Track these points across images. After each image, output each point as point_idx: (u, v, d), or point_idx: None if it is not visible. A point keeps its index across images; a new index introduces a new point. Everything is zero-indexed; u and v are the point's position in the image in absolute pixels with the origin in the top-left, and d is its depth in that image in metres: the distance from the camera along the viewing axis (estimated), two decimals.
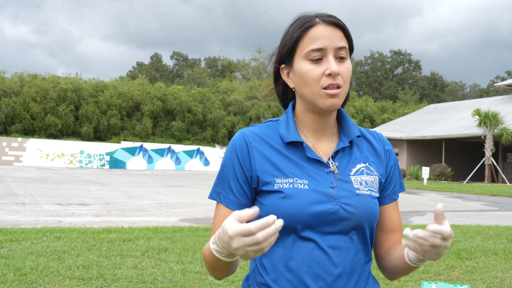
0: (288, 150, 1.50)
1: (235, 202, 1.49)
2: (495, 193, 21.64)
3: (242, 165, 1.48)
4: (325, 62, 1.43)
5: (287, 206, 1.42)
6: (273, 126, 1.56)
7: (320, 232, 1.44)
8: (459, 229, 9.02)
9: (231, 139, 1.55)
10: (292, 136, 1.50)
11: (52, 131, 40.96)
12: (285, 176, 1.45)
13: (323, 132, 1.55)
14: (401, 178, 1.65)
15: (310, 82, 1.44)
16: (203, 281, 4.71)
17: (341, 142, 1.53)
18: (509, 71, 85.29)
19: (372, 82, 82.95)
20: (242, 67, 74.85)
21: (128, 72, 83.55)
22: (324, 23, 1.45)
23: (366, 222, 1.48)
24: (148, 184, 21.13)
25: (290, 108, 1.58)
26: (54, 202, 11.85)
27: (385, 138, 1.66)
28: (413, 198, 18.02)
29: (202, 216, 10.17)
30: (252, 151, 1.49)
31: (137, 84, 47.32)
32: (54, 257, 5.39)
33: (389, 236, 1.59)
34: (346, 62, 1.46)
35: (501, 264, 5.92)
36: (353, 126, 1.57)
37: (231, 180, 1.49)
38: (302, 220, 1.42)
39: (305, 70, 1.45)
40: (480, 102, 42.82)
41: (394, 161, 1.62)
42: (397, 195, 1.61)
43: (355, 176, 1.50)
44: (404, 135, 38.06)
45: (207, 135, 46.78)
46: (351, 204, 1.45)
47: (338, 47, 1.44)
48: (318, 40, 1.44)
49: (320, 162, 1.49)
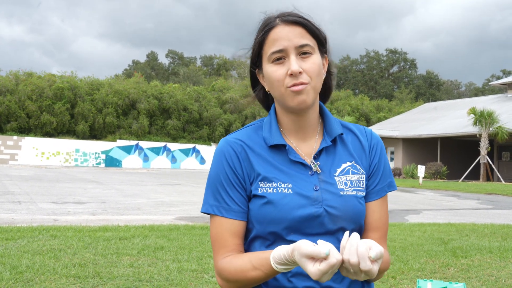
0: (271, 154, 1.49)
1: (239, 211, 1.47)
2: (490, 192, 21.71)
3: (235, 172, 1.47)
4: (287, 62, 1.43)
5: (271, 211, 1.42)
6: (256, 129, 1.55)
7: (306, 234, 1.43)
8: (454, 227, 9.05)
9: (216, 148, 1.52)
10: (275, 139, 1.49)
11: (48, 130, 40.88)
12: (269, 180, 1.45)
13: (305, 132, 1.53)
14: (391, 177, 1.60)
15: (275, 83, 1.44)
16: (199, 279, 4.71)
17: (323, 142, 1.52)
18: (504, 69, 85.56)
19: (368, 81, 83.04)
20: (238, 65, 74.80)
21: (124, 70, 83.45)
22: (283, 23, 1.45)
23: (351, 222, 1.47)
24: (144, 182, 21.11)
25: (273, 110, 1.57)
26: (50, 200, 11.82)
27: (374, 134, 1.62)
28: (408, 197, 18.06)
29: (198, 215, 10.17)
30: (240, 157, 1.48)
31: (133, 82, 47.27)
32: (50, 255, 5.39)
33: (367, 234, 1.55)
34: (311, 57, 1.44)
35: (496, 262, 5.95)
36: (335, 124, 1.55)
37: (228, 190, 1.47)
38: (287, 224, 1.42)
39: (269, 72, 1.45)
40: (476, 101, 42.93)
41: (379, 158, 1.57)
42: (382, 193, 1.56)
43: (340, 177, 1.49)
44: (400, 133, 38.12)
45: (204, 133, 46.76)
46: (334, 206, 1.44)
47: (299, 45, 1.43)
48: (278, 41, 1.43)
49: (303, 164, 1.48)
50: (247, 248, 1.50)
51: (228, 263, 1.42)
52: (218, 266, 1.45)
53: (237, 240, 1.46)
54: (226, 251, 1.45)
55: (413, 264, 5.65)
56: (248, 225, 1.49)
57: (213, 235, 1.48)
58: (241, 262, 1.39)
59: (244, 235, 1.50)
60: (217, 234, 1.47)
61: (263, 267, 1.33)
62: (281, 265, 1.29)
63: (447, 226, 9.20)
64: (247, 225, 1.49)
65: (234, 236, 1.46)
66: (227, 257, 1.44)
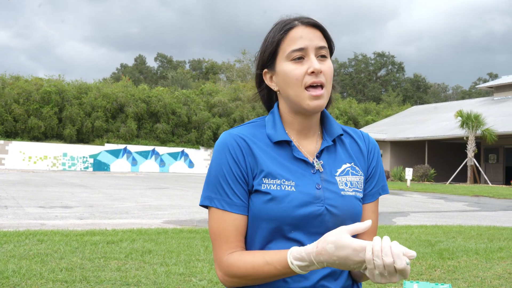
0: (275, 150, 1.50)
1: (241, 206, 1.46)
2: (477, 194, 21.86)
3: (239, 166, 1.47)
4: (307, 61, 1.45)
5: (274, 208, 1.42)
6: (258, 126, 1.56)
7: (307, 232, 1.45)
8: (441, 229, 9.10)
9: (218, 141, 1.50)
10: (280, 136, 1.50)
11: (35, 134, 40.52)
12: (273, 177, 1.45)
13: (307, 132, 1.55)
14: (385, 180, 1.65)
15: (293, 82, 1.45)
16: (187, 282, 4.71)
17: (324, 142, 1.54)
18: (491, 73, 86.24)
19: (356, 84, 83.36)
20: (226, 69, 74.81)
21: (112, 74, 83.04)
22: (303, 25, 1.48)
23: (349, 222, 1.48)
24: (132, 186, 21.03)
25: (276, 108, 1.58)
26: (37, 205, 11.75)
27: (371, 137, 1.66)
28: (396, 199, 18.14)
29: (186, 218, 10.15)
30: (245, 152, 1.48)
31: (121, 86, 47.00)
32: (37, 260, 5.36)
33: (361, 235, 1.57)
34: (328, 61, 1.48)
35: (482, 264, 5.99)
36: (335, 125, 1.58)
37: (231, 183, 1.46)
38: (289, 221, 1.43)
39: (288, 71, 1.46)
40: (463, 104, 43.22)
41: (377, 161, 1.62)
42: (376, 196, 1.61)
43: (340, 177, 1.52)
44: (388, 136, 38.30)
45: (192, 137, 46.63)
46: (336, 206, 1.47)
47: (319, 47, 1.47)
48: (299, 40, 1.46)
49: (306, 162, 1.50)
50: (247, 242, 1.50)
51: (237, 259, 1.41)
52: (224, 262, 1.43)
53: (240, 236, 1.45)
54: (230, 247, 1.44)
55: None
56: (248, 221, 1.48)
57: (214, 230, 1.46)
58: (252, 257, 1.39)
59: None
60: (218, 228, 1.45)
61: (277, 262, 1.34)
62: (298, 261, 1.30)
63: (434, 228, 9.25)
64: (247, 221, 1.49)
65: (237, 231, 1.45)
66: (234, 252, 1.43)
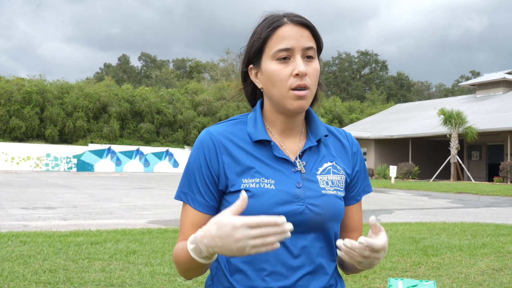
0: (255, 149, 1.49)
1: (203, 204, 1.47)
2: (461, 191, 22.07)
3: (209, 166, 1.46)
4: (293, 62, 1.43)
5: (253, 205, 1.40)
6: (240, 124, 1.54)
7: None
8: (425, 226, 9.17)
9: (197, 138, 1.51)
10: (260, 135, 1.48)
11: (17, 134, 40.10)
12: (252, 176, 1.44)
13: (291, 131, 1.54)
14: (368, 180, 1.66)
15: (278, 83, 1.43)
16: (172, 282, 4.69)
17: (308, 141, 1.53)
18: (473, 70, 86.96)
19: (340, 82, 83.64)
20: (210, 68, 74.65)
21: (95, 73, 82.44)
22: (292, 23, 1.45)
23: (331, 222, 1.48)
24: (116, 186, 20.90)
25: (258, 106, 1.56)
26: (20, 206, 11.62)
27: (354, 138, 1.66)
28: (381, 197, 18.25)
29: (171, 218, 10.11)
30: (219, 151, 1.47)
31: (103, 85, 46.63)
32: (20, 261, 5.30)
33: (347, 234, 1.62)
34: (314, 62, 1.46)
35: (466, 260, 6.04)
36: (321, 126, 1.56)
37: (198, 182, 1.47)
38: None
39: (272, 71, 1.44)
40: (445, 102, 43.58)
41: (360, 164, 1.62)
42: (361, 196, 1.64)
43: (321, 176, 1.50)
44: (372, 134, 38.50)
45: (179, 136, 46.43)
46: (316, 205, 1.45)
47: (306, 47, 1.44)
48: (286, 39, 1.43)
49: (287, 161, 1.48)
50: None
51: (176, 246, 1.46)
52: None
53: (194, 231, 1.46)
54: (182, 239, 1.48)
55: (384, 263, 5.71)
56: None
57: (180, 222, 1.52)
58: (180, 244, 1.43)
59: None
60: (181, 221, 1.51)
61: (184, 247, 1.37)
62: (191, 244, 1.31)
63: (418, 225, 9.32)
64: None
65: (193, 227, 1.47)
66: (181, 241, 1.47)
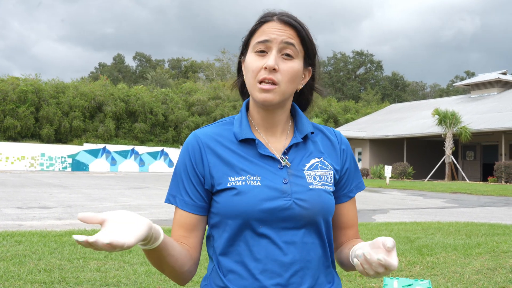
0: (241, 148, 1.50)
1: (190, 204, 1.49)
2: (455, 191, 22.14)
3: (195, 167, 1.49)
4: (268, 56, 1.45)
5: (239, 202, 1.42)
6: (226, 125, 1.57)
7: (275, 227, 1.44)
8: (420, 226, 9.20)
9: (185, 141, 1.55)
10: (245, 134, 1.50)
11: (11, 134, 39.96)
12: (238, 174, 1.46)
13: (275, 129, 1.55)
14: (360, 177, 1.66)
15: (250, 74, 1.47)
16: (167, 282, 4.69)
17: (294, 138, 1.54)
18: (468, 71, 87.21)
19: (335, 82, 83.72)
20: (206, 67, 74.60)
21: (90, 73, 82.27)
22: (278, 21, 1.48)
23: (320, 216, 1.48)
24: (111, 186, 20.87)
25: (244, 106, 1.59)
26: (15, 205, 11.59)
27: (343, 136, 1.66)
28: (376, 197, 18.28)
29: (166, 218, 10.11)
30: (204, 152, 1.50)
31: (99, 85, 46.53)
32: (15, 261, 5.29)
33: (344, 232, 1.63)
34: (292, 61, 1.47)
35: (461, 259, 6.07)
36: (306, 123, 1.58)
37: (185, 183, 1.50)
38: (256, 216, 1.42)
39: (248, 61, 1.48)
40: (440, 102, 43.72)
41: (350, 161, 1.63)
42: (354, 193, 1.63)
43: (309, 171, 1.51)
44: (367, 134, 38.57)
45: (170, 136, 46.42)
46: (304, 199, 1.45)
47: (284, 42, 1.45)
48: (265, 33, 1.46)
49: (273, 158, 1.49)
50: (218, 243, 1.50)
51: None
52: None
53: (181, 231, 1.51)
54: (171, 236, 1.52)
55: None
56: (216, 219, 1.49)
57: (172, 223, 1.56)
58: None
59: (201, 229, 1.53)
60: (173, 222, 1.54)
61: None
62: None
63: (413, 225, 9.34)
64: (215, 220, 1.50)
65: (180, 227, 1.51)
66: None
